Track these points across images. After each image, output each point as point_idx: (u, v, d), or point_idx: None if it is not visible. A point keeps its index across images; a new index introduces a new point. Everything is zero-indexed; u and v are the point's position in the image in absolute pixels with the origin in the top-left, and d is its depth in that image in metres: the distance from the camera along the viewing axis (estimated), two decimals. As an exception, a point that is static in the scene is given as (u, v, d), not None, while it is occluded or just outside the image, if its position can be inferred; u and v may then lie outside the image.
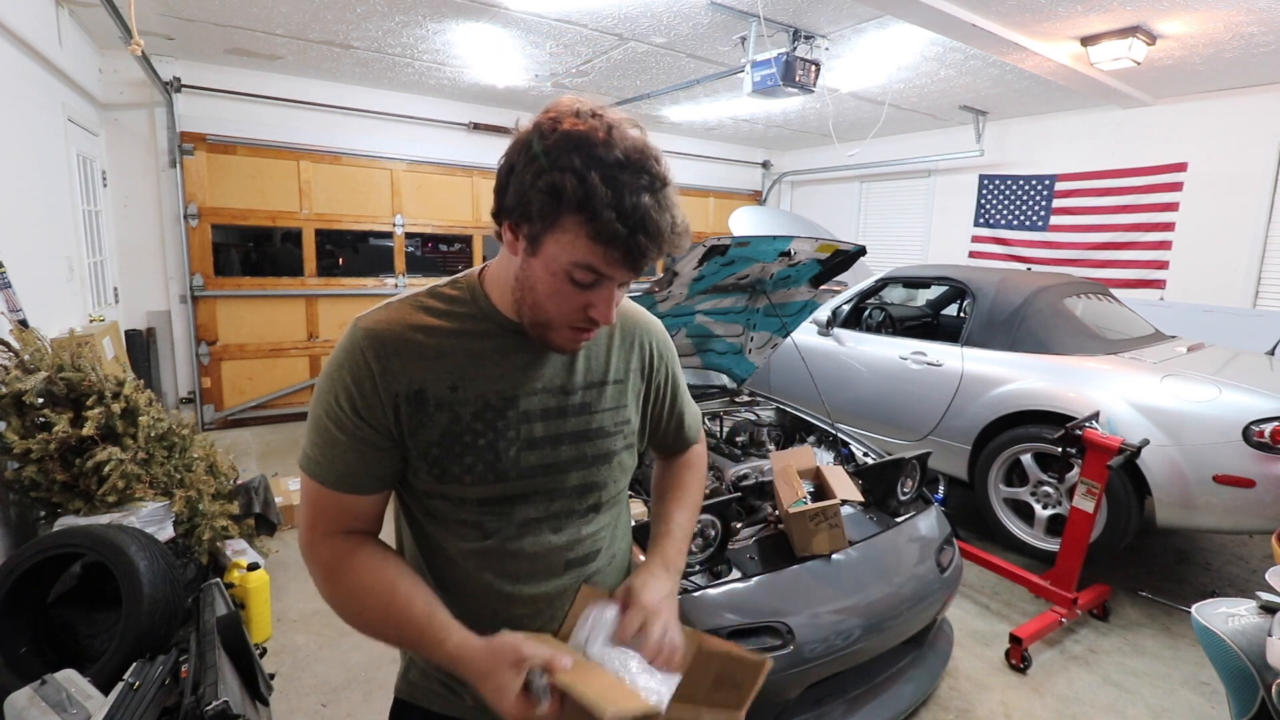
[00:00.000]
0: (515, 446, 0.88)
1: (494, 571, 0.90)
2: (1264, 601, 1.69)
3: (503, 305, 0.88)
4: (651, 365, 1.03)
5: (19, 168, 3.05)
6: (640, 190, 0.72)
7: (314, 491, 0.86)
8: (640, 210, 0.72)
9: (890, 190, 7.57)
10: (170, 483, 2.61)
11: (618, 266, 0.76)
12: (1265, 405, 2.74)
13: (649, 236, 0.73)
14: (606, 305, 0.80)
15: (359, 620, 0.84)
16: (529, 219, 0.76)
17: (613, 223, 0.71)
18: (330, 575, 0.85)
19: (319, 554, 0.86)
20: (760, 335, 3.36)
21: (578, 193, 0.71)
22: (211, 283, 5.39)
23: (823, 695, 1.97)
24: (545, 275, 0.78)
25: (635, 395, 1.01)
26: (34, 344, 2.41)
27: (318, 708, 2.29)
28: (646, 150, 0.75)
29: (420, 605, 0.82)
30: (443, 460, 0.85)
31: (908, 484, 2.45)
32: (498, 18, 3.95)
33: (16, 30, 2.95)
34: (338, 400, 0.83)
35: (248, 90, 5.25)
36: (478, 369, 0.87)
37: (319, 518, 0.86)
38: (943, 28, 3.67)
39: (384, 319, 0.86)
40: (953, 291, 5.02)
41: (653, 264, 0.79)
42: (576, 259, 0.75)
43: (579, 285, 0.78)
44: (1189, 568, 3.44)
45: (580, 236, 0.73)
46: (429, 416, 0.84)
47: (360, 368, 0.83)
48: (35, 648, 2.04)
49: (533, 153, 0.74)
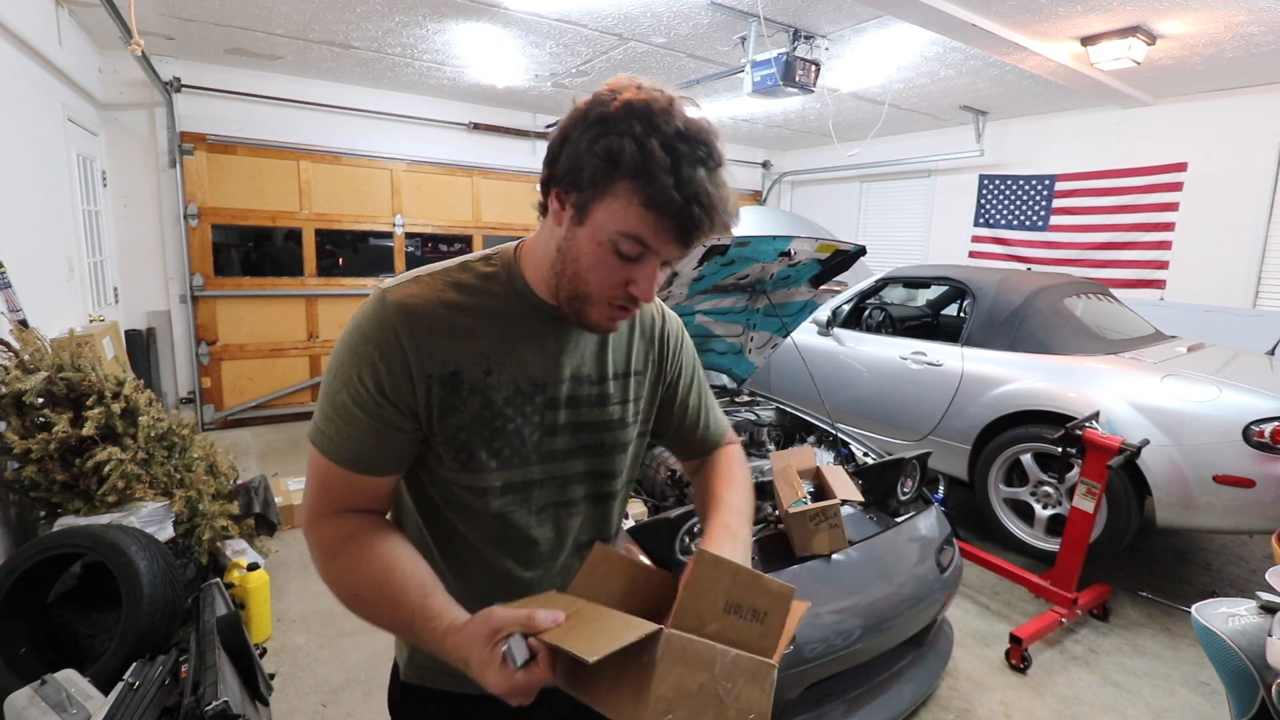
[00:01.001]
0: (539, 431, 0.88)
1: (511, 557, 0.90)
2: (1264, 601, 1.69)
3: (537, 285, 0.86)
4: (670, 358, 1.02)
5: (19, 168, 3.05)
6: (698, 162, 0.72)
7: (323, 468, 0.82)
8: (697, 182, 0.71)
9: (890, 190, 7.57)
10: (170, 483, 2.61)
11: (667, 238, 0.74)
12: (1265, 405, 2.74)
13: (703, 209, 0.72)
14: (649, 282, 0.78)
15: (355, 602, 0.80)
16: (579, 186, 0.75)
17: (669, 189, 0.70)
18: (328, 553, 0.81)
19: (320, 532, 0.82)
20: (760, 335, 3.37)
21: (635, 158, 0.70)
22: (211, 283, 5.39)
23: (823, 695, 1.97)
24: (591, 245, 0.77)
25: (651, 386, 1.00)
26: (34, 344, 2.41)
27: (318, 708, 2.29)
28: (707, 127, 0.74)
29: (414, 586, 0.77)
30: (470, 445, 0.84)
31: (908, 484, 2.45)
32: (498, 18, 3.95)
33: (16, 30, 2.95)
34: (360, 377, 0.79)
35: (248, 90, 5.25)
36: (511, 352, 0.85)
37: (325, 495, 0.83)
38: (943, 28, 3.67)
39: (417, 293, 0.82)
40: (953, 291, 5.02)
41: (700, 241, 0.77)
42: (625, 228, 0.74)
43: (624, 258, 0.76)
44: (1189, 568, 3.44)
45: (633, 204, 0.72)
46: (462, 400, 0.82)
47: (391, 344, 0.79)
48: (35, 648, 2.03)
49: (590, 119, 0.74)
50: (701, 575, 0.69)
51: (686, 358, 1.06)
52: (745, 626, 0.70)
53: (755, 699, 0.67)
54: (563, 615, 0.70)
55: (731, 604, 0.69)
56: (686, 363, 1.06)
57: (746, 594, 0.70)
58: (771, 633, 0.71)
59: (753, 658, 0.68)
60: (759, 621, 0.71)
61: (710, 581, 0.69)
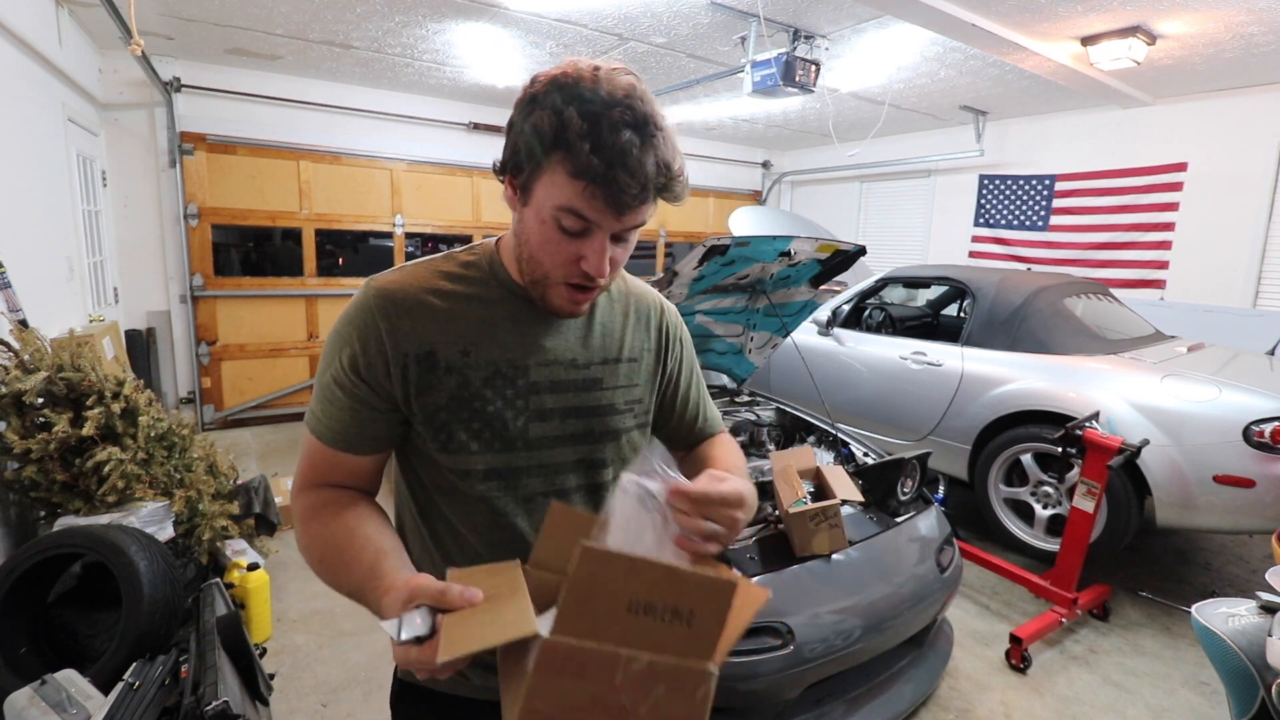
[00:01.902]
0: (524, 417, 0.87)
1: (501, 547, 0.89)
2: (1264, 601, 1.69)
3: (515, 272, 0.87)
4: (668, 347, 1.01)
5: (19, 168, 3.05)
6: (621, 126, 0.70)
7: (310, 444, 0.87)
8: (619, 146, 0.69)
9: (890, 190, 7.57)
10: (170, 483, 2.61)
11: (600, 207, 0.73)
12: (1265, 405, 2.74)
13: (630, 173, 0.70)
14: (599, 256, 0.77)
15: (320, 566, 0.82)
16: (520, 167, 0.76)
17: (587, 156, 0.69)
18: (303, 520, 0.85)
19: (301, 501, 0.87)
20: (760, 335, 3.37)
21: (555, 127, 0.70)
22: (211, 283, 5.39)
23: (823, 695, 1.97)
24: (536, 224, 0.77)
25: (649, 376, 0.99)
26: (34, 344, 2.41)
27: (318, 708, 2.29)
28: (634, 90, 0.72)
29: (371, 551, 0.78)
30: (450, 425, 0.84)
31: (908, 484, 2.45)
32: (498, 18, 3.95)
33: (16, 30, 2.95)
34: (341, 357, 0.83)
35: (248, 90, 5.25)
36: (491, 335, 0.86)
37: (310, 469, 0.88)
38: (943, 28, 3.67)
39: (398, 279, 0.86)
40: (953, 291, 5.02)
41: (641, 208, 0.74)
42: (560, 202, 0.74)
43: (569, 233, 0.76)
44: (1189, 568, 3.44)
45: (561, 175, 0.72)
46: (438, 379, 0.84)
47: (368, 326, 0.83)
48: (35, 648, 2.03)
49: (524, 100, 0.75)
50: (588, 573, 0.57)
51: (686, 351, 1.06)
52: (664, 629, 0.58)
53: (681, 711, 0.58)
54: (480, 594, 0.65)
55: (638, 603, 0.58)
56: (686, 356, 1.06)
57: (659, 591, 0.58)
58: (704, 634, 0.59)
59: (676, 664, 0.57)
60: (684, 623, 0.59)
61: (601, 579, 0.58)
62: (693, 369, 1.07)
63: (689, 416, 1.06)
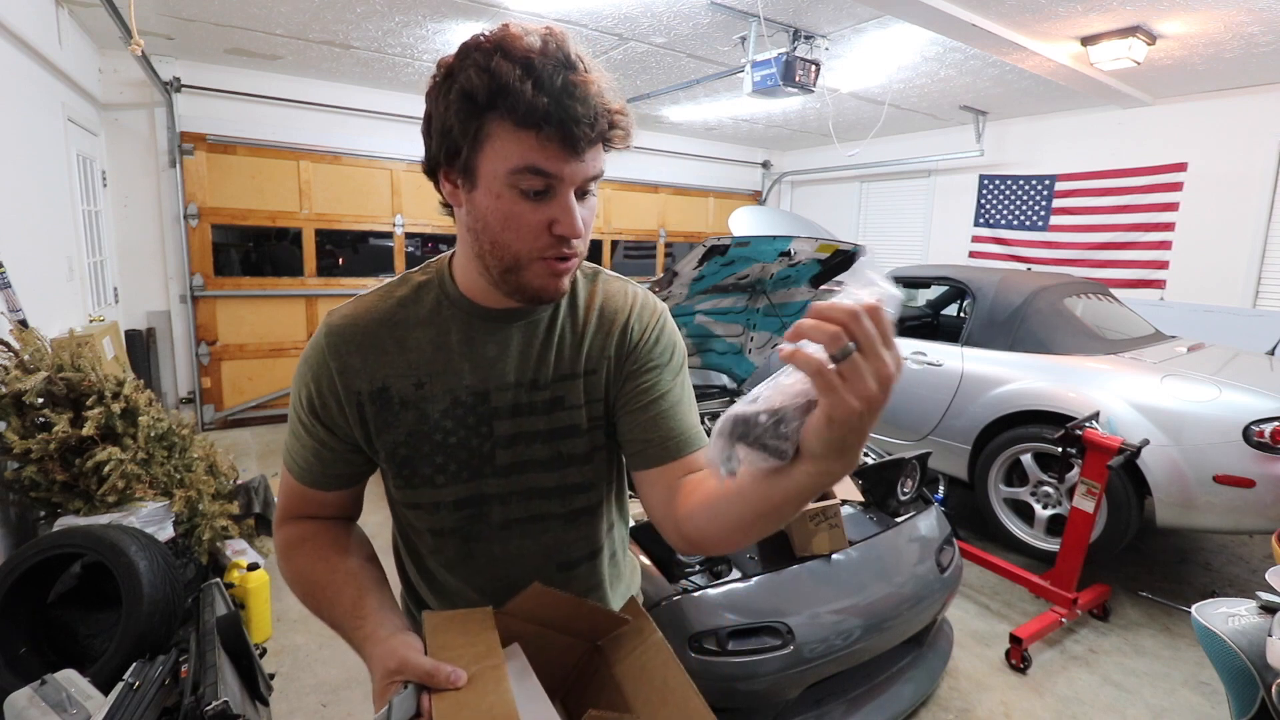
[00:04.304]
0: (489, 444, 0.83)
1: (482, 576, 0.88)
2: (1264, 601, 1.69)
3: (468, 288, 0.82)
4: (626, 347, 0.86)
5: (19, 168, 3.05)
6: (557, 67, 0.65)
7: (284, 478, 0.89)
8: (562, 79, 0.65)
9: (890, 190, 7.57)
10: (170, 483, 2.61)
11: (557, 151, 0.66)
12: (1265, 405, 2.74)
13: (580, 102, 0.65)
14: (569, 215, 0.70)
15: (307, 600, 0.83)
16: (456, 149, 0.69)
17: (531, 96, 0.63)
18: (285, 555, 0.86)
19: (279, 536, 0.88)
20: (760, 335, 3.36)
21: (486, 82, 0.64)
22: (211, 283, 5.38)
23: (823, 695, 1.97)
24: (492, 202, 0.70)
25: (609, 385, 0.87)
26: (34, 344, 2.41)
27: (318, 708, 2.29)
28: (552, 33, 0.68)
29: (353, 587, 0.79)
30: (412, 460, 0.82)
31: (908, 484, 2.45)
32: (498, 18, 3.94)
33: (16, 30, 2.95)
34: (300, 397, 0.84)
35: (248, 90, 5.25)
36: (445, 363, 0.81)
37: (286, 503, 0.90)
38: (943, 28, 3.66)
39: (349, 314, 0.84)
40: (953, 291, 5.02)
41: (595, 148, 0.69)
42: (515, 163, 0.67)
43: (531, 197, 0.69)
44: (1189, 568, 3.44)
45: (507, 130, 0.66)
46: (394, 416, 0.81)
47: (320, 367, 0.82)
48: (35, 648, 2.03)
49: (438, 81, 0.69)
50: None
51: (654, 344, 0.87)
52: None
53: None
54: (464, 677, 0.65)
55: None
56: (653, 350, 0.87)
57: None
58: None
59: None
60: None
61: None
62: (676, 376, 0.88)
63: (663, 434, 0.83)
